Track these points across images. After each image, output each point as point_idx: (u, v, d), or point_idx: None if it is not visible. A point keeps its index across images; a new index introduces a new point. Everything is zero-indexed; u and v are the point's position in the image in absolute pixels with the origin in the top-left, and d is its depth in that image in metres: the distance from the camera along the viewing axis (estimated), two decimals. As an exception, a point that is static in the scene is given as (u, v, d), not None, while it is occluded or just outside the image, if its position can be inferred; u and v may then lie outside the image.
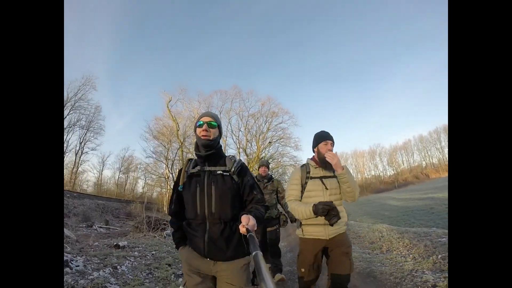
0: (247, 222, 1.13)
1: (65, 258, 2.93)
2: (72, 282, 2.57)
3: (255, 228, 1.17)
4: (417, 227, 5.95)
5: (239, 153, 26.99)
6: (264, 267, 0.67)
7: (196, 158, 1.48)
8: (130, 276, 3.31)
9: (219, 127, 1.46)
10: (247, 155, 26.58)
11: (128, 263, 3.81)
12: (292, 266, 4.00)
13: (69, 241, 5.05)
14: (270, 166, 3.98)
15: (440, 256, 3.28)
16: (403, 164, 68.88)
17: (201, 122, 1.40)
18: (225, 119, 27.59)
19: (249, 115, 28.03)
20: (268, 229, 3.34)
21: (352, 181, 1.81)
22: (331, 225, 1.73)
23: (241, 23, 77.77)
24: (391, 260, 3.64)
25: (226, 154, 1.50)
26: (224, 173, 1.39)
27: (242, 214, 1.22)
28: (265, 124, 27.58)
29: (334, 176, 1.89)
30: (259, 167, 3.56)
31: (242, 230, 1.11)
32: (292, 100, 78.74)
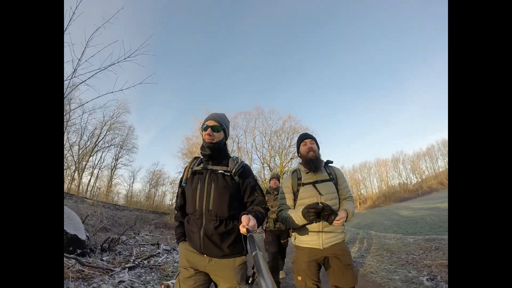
0: (247, 222, 1.15)
1: (167, 247, 5.41)
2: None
3: (256, 229, 1.19)
4: (388, 233, 7.81)
5: (264, 168, 29.43)
6: (264, 267, 0.67)
7: (201, 156, 1.52)
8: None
9: (224, 130, 1.49)
10: (271, 170, 28.73)
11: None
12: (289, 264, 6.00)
13: (151, 240, 7.78)
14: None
15: (372, 247, 5.35)
16: (427, 171, 66.80)
17: (206, 126, 1.45)
18: (249, 137, 30.44)
19: (271, 132, 30.52)
20: (282, 241, 3.52)
21: (351, 215, 1.70)
22: (331, 224, 1.61)
23: (257, 43, 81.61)
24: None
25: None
26: (225, 173, 1.42)
27: (243, 214, 1.22)
28: (287, 140, 29.66)
29: (329, 180, 1.81)
30: (270, 180, 3.66)
31: (243, 230, 1.12)
32: (312, 113, 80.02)
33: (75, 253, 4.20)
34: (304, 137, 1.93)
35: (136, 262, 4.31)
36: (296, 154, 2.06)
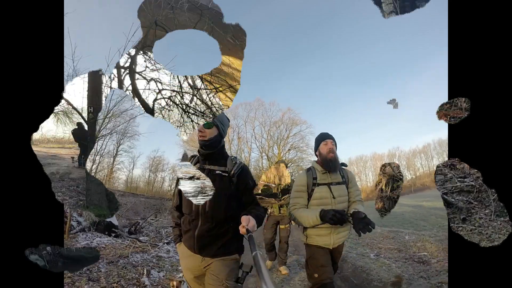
0: (247, 223, 1.16)
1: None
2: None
3: (255, 229, 1.20)
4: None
5: (262, 157, 30.69)
6: (264, 267, 0.66)
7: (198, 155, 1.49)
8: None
9: (217, 126, 1.44)
10: (268, 159, 29.91)
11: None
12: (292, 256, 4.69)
13: (166, 224, 8.99)
14: (290, 169, 4.61)
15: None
16: (422, 168, 67.97)
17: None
18: (249, 127, 31.49)
19: (271, 123, 31.40)
20: (281, 226, 3.57)
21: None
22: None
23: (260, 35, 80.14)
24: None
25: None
26: (223, 174, 1.40)
27: (243, 215, 1.23)
28: (285, 131, 30.42)
29: (342, 182, 1.87)
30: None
31: (242, 230, 1.13)
32: (311, 105, 78.66)
33: (112, 235, 5.15)
34: (326, 136, 1.94)
35: (168, 240, 5.54)
36: (293, 145, 2.46)
